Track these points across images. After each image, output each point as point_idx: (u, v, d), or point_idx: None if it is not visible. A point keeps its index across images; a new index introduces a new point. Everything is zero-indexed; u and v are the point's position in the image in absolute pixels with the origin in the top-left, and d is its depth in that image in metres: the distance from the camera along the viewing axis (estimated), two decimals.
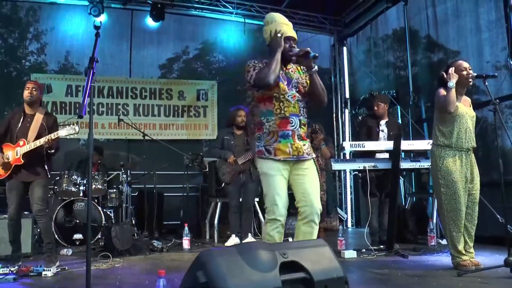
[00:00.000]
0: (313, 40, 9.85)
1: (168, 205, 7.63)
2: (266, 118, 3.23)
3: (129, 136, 8.20)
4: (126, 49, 8.68)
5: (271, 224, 3.14)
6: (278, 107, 3.21)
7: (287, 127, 3.20)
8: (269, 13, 3.51)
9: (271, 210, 3.13)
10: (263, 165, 3.23)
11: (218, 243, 6.18)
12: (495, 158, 4.21)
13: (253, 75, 3.19)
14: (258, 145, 3.26)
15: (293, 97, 3.25)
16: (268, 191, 3.17)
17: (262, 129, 3.25)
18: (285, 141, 3.19)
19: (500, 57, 5.92)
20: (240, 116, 6.10)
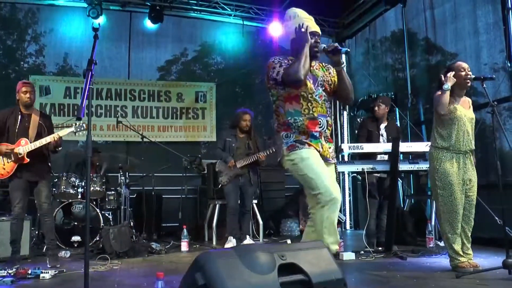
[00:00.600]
0: None
1: (167, 207, 7.62)
2: (294, 119, 3.10)
3: (128, 138, 8.20)
4: (125, 51, 8.68)
5: (329, 205, 2.87)
6: (306, 107, 3.10)
7: (315, 128, 3.09)
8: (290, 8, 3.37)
9: (326, 191, 2.87)
10: (297, 154, 3.02)
11: (217, 245, 6.18)
12: (493, 160, 4.21)
13: (280, 71, 3.09)
14: (287, 141, 3.10)
15: (320, 97, 3.15)
16: (313, 173, 2.93)
17: (290, 129, 3.11)
18: (315, 142, 3.08)
19: (498, 59, 5.94)
20: (245, 120, 6.08)
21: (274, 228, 7.68)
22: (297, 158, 3.03)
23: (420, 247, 5.39)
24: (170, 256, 5.38)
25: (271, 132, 9.75)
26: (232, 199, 5.87)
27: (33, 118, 4.59)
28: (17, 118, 4.56)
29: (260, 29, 9.30)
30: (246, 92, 9.59)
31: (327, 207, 2.89)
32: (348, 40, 9.75)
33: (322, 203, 2.90)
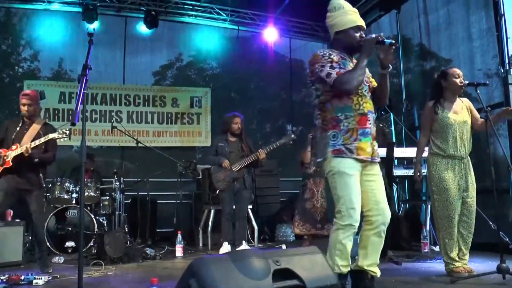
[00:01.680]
0: (307, 48, 9.90)
1: (161, 213, 7.59)
2: (344, 115, 2.97)
3: (123, 143, 8.17)
4: (120, 56, 8.66)
5: (345, 230, 2.87)
6: (357, 103, 2.98)
7: (366, 125, 2.99)
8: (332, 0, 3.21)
9: (346, 215, 2.86)
10: (340, 164, 2.93)
11: (212, 251, 6.16)
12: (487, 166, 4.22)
13: (332, 73, 2.92)
14: (334, 144, 2.97)
15: (368, 92, 3.09)
16: (343, 192, 2.90)
17: (339, 127, 2.97)
18: (365, 140, 2.97)
19: (491, 65, 5.98)
20: (236, 123, 6.03)
21: (269, 233, 7.67)
22: (336, 168, 2.95)
23: (415, 252, 5.39)
24: (164, 262, 5.36)
25: (266, 137, 9.79)
26: (227, 204, 5.84)
27: (33, 126, 4.60)
28: (18, 125, 4.60)
29: (255, 35, 9.32)
30: (241, 97, 9.60)
31: (341, 231, 2.89)
32: None
33: (337, 226, 2.92)
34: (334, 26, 3.13)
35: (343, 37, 3.10)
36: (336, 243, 2.90)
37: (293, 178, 9.24)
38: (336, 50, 3.10)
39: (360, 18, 3.12)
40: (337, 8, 3.13)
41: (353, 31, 3.05)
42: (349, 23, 3.06)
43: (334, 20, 3.13)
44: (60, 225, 5.85)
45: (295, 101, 10.02)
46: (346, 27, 3.06)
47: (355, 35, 3.04)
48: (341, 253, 2.91)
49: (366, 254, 3.04)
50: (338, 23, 3.10)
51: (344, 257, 2.92)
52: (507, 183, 5.40)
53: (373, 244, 3.00)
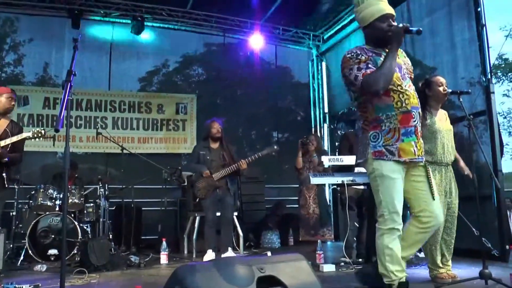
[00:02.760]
0: (293, 55, 9.98)
1: (146, 220, 7.54)
2: (385, 114, 2.85)
3: (107, 149, 8.11)
4: (106, 62, 8.61)
5: (390, 234, 2.80)
6: (398, 100, 2.84)
7: (410, 123, 2.85)
8: None
9: (390, 218, 2.79)
10: (382, 166, 2.84)
11: (197, 258, 6.12)
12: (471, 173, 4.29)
13: (359, 76, 2.81)
14: (375, 145, 2.87)
15: (409, 87, 2.92)
16: (386, 196, 2.82)
17: (379, 127, 2.87)
18: (408, 140, 2.85)
19: (474, 74, 6.06)
20: (215, 127, 6.03)
21: (255, 240, 7.66)
22: (378, 171, 2.86)
23: None
24: (149, 269, 5.30)
25: (252, 144, 9.81)
26: (210, 212, 5.80)
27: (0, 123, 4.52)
28: None
29: (242, 41, 9.36)
30: (227, 104, 9.61)
31: (386, 235, 2.83)
32: (328, 53, 9.87)
33: (380, 231, 2.86)
34: (361, 21, 2.99)
35: (370, 32, 2.96)
36: (383, 248, 2.83)
37: (279, 185, 9.28)
38: (367, 46, 2.98)
39: (388, 6, 2.94)
40: (361, 1, 2.96)
41: (379, 22, 2.88)
42: (375, 14, 2.90)
43: (359, 16, 3.00)
44: (43, 233, 5.76)
45: (280, 108, 10.06)
46: (372, 19, 2.90)
47: (382, 26, 2.87)
48: (391, 258, 2.82)
49: (406, 246, 2.95)
50: (363, 18, 2.96)
51: (395, 262, 2.83)
52: (489, 190, 5.46)
53: (417, 241, 2.96)
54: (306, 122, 10.15)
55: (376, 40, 2.94)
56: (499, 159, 5.58)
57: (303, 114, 10.33)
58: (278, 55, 9.91)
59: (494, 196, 5.44)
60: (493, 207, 5.48)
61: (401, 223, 2.83)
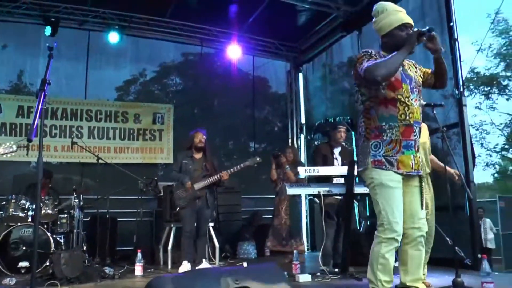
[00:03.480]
0: (270, 66, 10.03)
1: (122, 230, 7.43)
2: (388, 124, 2.87)
3: (83, 159, 7.98)
4: (82, 70, 8.50)
5: (388, 244, 2.79)
6: (403, 112, 2.86)
7: (411, 137, 2.88)
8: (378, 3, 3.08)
9: (389, 228, 2.78)
10: (381, 176, 2.86)
11: (172, 269, 6.05)
12: (444, 183, 4.37)
13: (364, 65, 2.82)
14: (376, 154, 2.89)
15: (415, 101, 2.93)
16: (386, 205, 2.82)
17: (381, 136, 2.89)
18: (408, 153, 2.87)
19: (448, 87, 6.17)
20: (198, 137, 5.99)
21: (231, 251, 7.63)
22: (377, 180, 2.88)
23: None
24: (123, 281, 5.23)
25: (229, 154, 9.80)
26: (187, 222, 5.76)
27: None
28: None
29: (219, 52, 9.38)
30: (204, 114, 9.59)
31: (384, 245, 2.82)
32: (306, 65, 9.97)
33: (379, 239, 2.85)
34: (380, 30, 3.02)
35: (389, 40, 2.99)
36: (378, 257, 2.82)
37: (255, 196, 9.29)
38: (383, 52, 2.98)
39: (406, 16, 2.97)
40: (380, 11, 3.01)
41: (399, 30, 2.92)
42: (394, 23, 2.94)
43: (378, 24, 3.02)
44: (14, 245, 5.61)
45: (258, 118, 10.10)
46: (391, 28, 2.95)
47: (401, 34, 2.91)
48: (383, 268, 2.81)
49: (407, 270, 2.96)
50: (382, 26, 2.99)
51: (387, 272, 2.83)
52: (462, 200, 5.56)
53: (412, 258, 2.93)
54: (283, 132, 10.21)
55: (394, 48, 2.92)
56: (472, 170, 5.70)
57: (280, 124, 10.39)
58: (256, 66, 9.96)
59: (467, 206, 5.55)
60: (466, 217, 5.59)
61: (400, 234, 2.82)
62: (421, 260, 2.95)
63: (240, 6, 8.11)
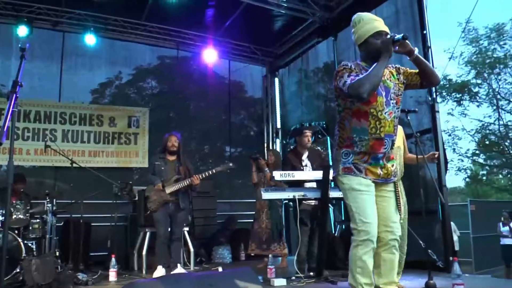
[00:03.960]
0: (246, 70, 10.06)
1: (96, 235, 7.29)
2: (359, 137, 2.95)
3: (56, 163, 7.84)
4: (57, 72, 8.36)
5: (364, 246, 2.83)
6: (374, 126, 2.92)
7: (380, 150, 2.95)
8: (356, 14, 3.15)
9: (363, 230, 2.83)
10: (351, 181, 2.94)
11: (146, 274, 5.99)
12: (417, 188, 4.44)
13: (347, 81, 2.86)
14: (345, 162, 2.99)
15: (390, 114, 2.96)
16: (358, 208, 2.88)
17: (352, 147, 2.98)
18: (375, 164, 2.96)
19: (422, 93, 6.30)
20: (171, 141, 5.94)
21: (206, 255, 7.60)
22: (348, 185, 2.96)
23: None
24: (97, 287, 5.16)
25: (204, 158, 9.78)
26: (161, 226, 5.70)
27: None
28: None
29: (195, 55, 9.36)
30: (180, 118, 9.55)
31: (361, 247, 2.85)
32: (282, 70, 10.03)
33: (355, 242, 2.88)
34: (357, 40, 3.08)
35: (366, 48, 3.05)
36: (356, 260, 2.85)
37: (230, 200, 9.29)
38: (363, 63, 3.05)
39: (382, 24, 3.03)
40: (357, 22, 3.08)
41: (374, 38, 2.98)
42: (369, 31, 3.00)
43: (355, 35, 3.09)
44: None
45: (233, 123, 10.10)
46: (366, 36, 3.01)
47: (376, 41, 2.96)
48: (362, 270, 2.84)
49: (380, 273, 3.00)
50: (359, 36, 3.06)
51: (366, 275, 2.85)
52: (435, 205, 5.66)
53: (386, 262, 2.96)
54: (258, 137, 10.24)
55: (371, 56, 2.99)
56: (444, 174, 5.80)
57: (256, 129, 10.42)
58: (232, 70, 9.97)
59: (440, 210, 5.65)
60: (439, 221, 5.70)
61: (375, 235, 2.85)
62: (395, 263, 2.98)
63: (217, 10, 8.13)
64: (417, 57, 3.02)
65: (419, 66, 3.08)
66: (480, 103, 21.19)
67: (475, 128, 21.60)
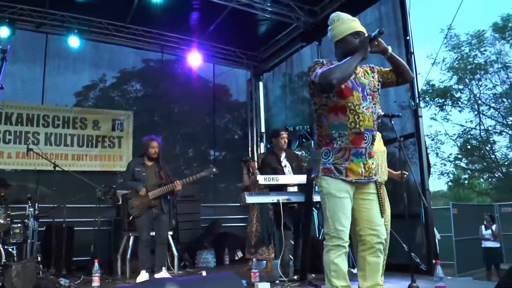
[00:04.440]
0: (231, 74, 10.07)
1: (78, 240, 7.22)
2: (338, 132, 2.91)
3: (39, 166, 7.75)
4: (40, 74, 8.27)
5: (336, 251, 2.84)
6: (353, 120, 2.89)
7: (361, 144, 2.91)
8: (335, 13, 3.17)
9: (336, 236, 2.83)
10: (330, 185, 2.91)
11: (130, 279, 5.94)
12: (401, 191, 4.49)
13: (318, 72, 2.86)
14: (325, 162, 2.94)
15: (368, 109, 2.95)
16: (333, 214, 2.87)
17: (332, 144, 2.93)
18: (357, 160, 2.92)
19: (405, 98, 6.38)
20: (153, 147, 5.86)
21: (190, 260, 7.56)
22: (326, 189, 2.93)
23: None
24: None
25: (188, 162, 9.75)
26: (144, 231, 5.65)
27: None
28: None
29: (180, 58, 9.35)
30: (164, 121, 9.52)
31: (333, 251, 2.85)
32: (266, 74, 10.07)
33: (327, 247, 2.88)
34: (334, 37, 3.10)
35: (342, 45, 3.06)
36: (329, 264, 2.86)
37: (215, 204, 9.28)
38: (336, 61, 3.04)
39: (361, 26, 3.07)
40: (336, 20, 3.11)
41: (352, 37, 3.01)
42: (347, 30, 3.03)
43: (333, 31, 3.11)
44: None
45: (218, 126, 10.11)
46: (344, 34, 3.03)
47: (354, 40, 2.99)
48: (336, 274, 2.84)
49: (365, 275, 2.98)
50: (336, 33, 3.08)
51: (341, 277, 2.85)
52: (418, 208, 5.72)
53: (371, 265, 2.94)
54: (243, 141, 10.25)
55: (347, 54, 2.99)
56: (427, 178, 5.88)
57: (240, 133, 10.43)
58: (216, 74, 9.98)
59: (423, 213, 5.71)
60: (422, 224, 5.76)
61: (347, 241, 2.86)
62: (379, 266, 2.98)
63: (201, 14, 8.14)
64: (391, 55, 3.06)
65: (394, 64, 3.12)
66: (462, 108, 21.46)
67: (457, 133, 21.85)
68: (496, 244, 10.36)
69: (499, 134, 21.23)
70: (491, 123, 21.28)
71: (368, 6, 7.01)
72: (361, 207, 2.96)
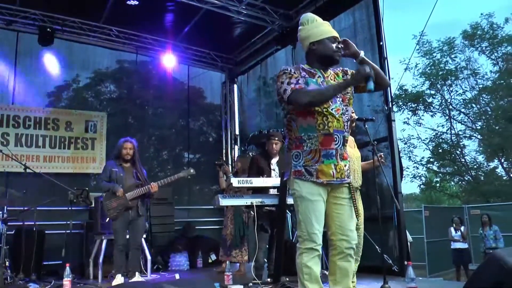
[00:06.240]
0: (205, 76, 10.06)
1: (49, 244, 7.04)
2: (307, 135, 2.90)
3: (8, 168, 7.57)
4: (10, 73, 8.07)
5: (308, 254, 2.83)
6: (322, 122, 2.88)
7: (331, 146, 2.88)
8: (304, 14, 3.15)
9: (308, 239, 2.82)
10: (302, 187, 2.88)
11: (102, 283, 5.86)
12: (374, 194, 4.55)
13: (287, 89, 2.87)
14: (296, 165, 2.92)
15: (337, 111, 2.92)
16: (305, 217, 2.85)
17: (302, 147, 2.91)
18: (328, 162, 2.88)
19: (378, 102, 6.47)
20: (126, 148, 5.75)
21: (163, 263, 7.50)
22: (298, 192, 2.90)
23: None
24: None
25: (162, 165, 9.69)
26: (120, 235, 5.54)
27: None
28: None
29: (154, 60, 9.29)
30: (138, 123, 9.43)
31: (305, 254, 2.83)
32: (240, 77, 10.09)
33: (300, 250, 2.86)
34: (310, 37, 3.03)
35: (319, 48, 3.01)
36: (302, 267, 2.84)
37: (188, 206, 9.24)
38: (305, 66, 3.05)
39: (333, 29, 3.04)
40: (311, 21, 3.07)
41: (329, 41, 2.99)
42: (327, 33, 3.00)
43: (308, 32, 3.05)
44: None
45: (192, 129, 10.08)
46: (323, 37, 2.99)
47: (331, 45, 2.97)
48: (309, 277, 2.83)
49: (335, 280, 2.96)
50: (313, 34, 3.02)
51: (314, 280, 2.84)
52: (390, 211, 5.81)
53: (341, 270, 2.92)
54: (217, 143, 10.25)
55: (322, 57, 3.01)
56: (400, 181, 5.96)
57: (214, 135, 10.43)
58: (191, 76, 9.94)
59: (395, 216, 5.80)
60: (394, 226, 5.85)
61: (320, 244, 2.85)
62: (350, 270, 2.98)
63: (176, 15, 8.10)
64: (363, 59, 3.02)
65: None
66: (434, 113, 21.94)
67: (429, 137, 22.30)
68: (465, 245, 10.59)
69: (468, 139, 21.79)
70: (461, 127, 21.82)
71: (343, 11, 7.10)
72: (333, 211, 2.95)
